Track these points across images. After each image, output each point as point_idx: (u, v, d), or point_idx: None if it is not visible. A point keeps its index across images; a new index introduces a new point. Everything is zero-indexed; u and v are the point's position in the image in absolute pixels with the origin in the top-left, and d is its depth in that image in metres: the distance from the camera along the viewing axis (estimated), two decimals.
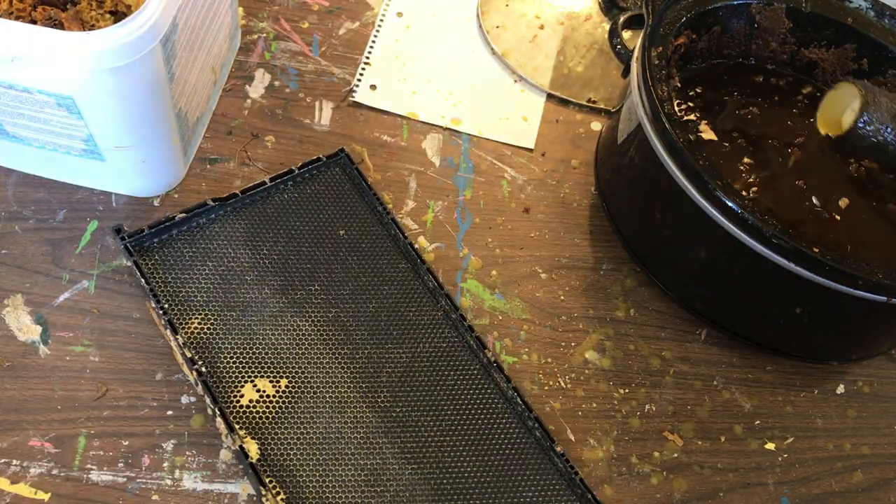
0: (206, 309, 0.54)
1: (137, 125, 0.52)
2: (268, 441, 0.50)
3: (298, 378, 0.52)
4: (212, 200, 0.57)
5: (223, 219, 0.58)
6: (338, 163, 0.62)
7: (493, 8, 0.76)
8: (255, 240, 0.58)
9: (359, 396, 0.52)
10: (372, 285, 0.57)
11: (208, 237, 0.57)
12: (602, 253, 0.63)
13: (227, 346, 0.53)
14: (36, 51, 0.44)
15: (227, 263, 0.56)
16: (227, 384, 0.51)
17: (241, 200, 0.59)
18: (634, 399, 0.57)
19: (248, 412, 0.50)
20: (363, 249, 0.58)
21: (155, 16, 0.46)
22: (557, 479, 0.51)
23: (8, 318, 0.53)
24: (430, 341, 0.55)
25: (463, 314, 0.56)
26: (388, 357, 0.54)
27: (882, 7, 0.64)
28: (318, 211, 0.60)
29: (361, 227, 0.60)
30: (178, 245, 0.56)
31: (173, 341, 0.51)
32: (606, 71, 0.73)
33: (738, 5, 0.63)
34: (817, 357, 0.60)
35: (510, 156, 0.67)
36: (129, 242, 0.55)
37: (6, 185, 0.58)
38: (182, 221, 0.56)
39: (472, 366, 0.55)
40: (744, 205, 0.49)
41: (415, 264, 0.58)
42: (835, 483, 0.56)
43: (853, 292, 0.49)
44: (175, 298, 0.54)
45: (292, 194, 0.60)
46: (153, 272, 0.55)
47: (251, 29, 0.70)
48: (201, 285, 0.55)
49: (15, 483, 0.48)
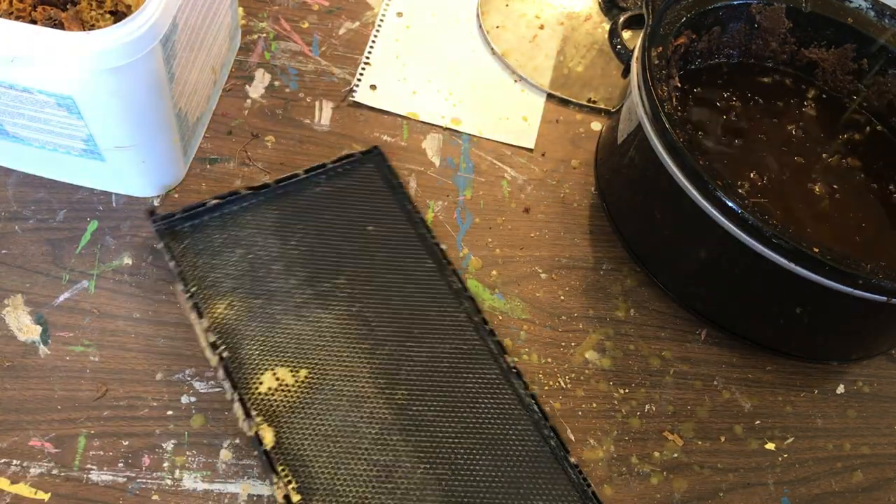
0: (232, 295, 0.55)
1: (137, 125, 0.52)
2: (283, 430, 0.50)
3: (318, 369, 0.53)
4: (245, 188, 0.58)
5: (255, 207, 0.59)
6: (372, 159, 0.63)
7: (493, 8, 0.76)
8: (285, 230, 0.58)
9: (376, 392, 0.53)
10: (397, 282, 0.57)
11: (239, 225, 0.58)
12: (602, 253, 0.63)
13: (250, 333, 0.53)
14: (36, 51, 0.44)
15: (256, 252, 0.57)
16: (248, 371, 0.52)
17: (273, 190, 0.59)
18: (634, 399, 0.57)
19: (267, 400, 0.51)
20: (391, 246, 0.59)
21: (155, 16, 0.46)
22: (570, 490, 0.51)
23: (8, 318, 0.53)
24: (450, 342, 0.55)
25: (485, 317, 0.56)
26: (407, 355, 0.54)
27: (882, 7, 0.64)
28: (349, 205, 0.60)
29: (391, 224, 0.60)
30: (208, 231, 0.57)
31: (198, 325, 0.52)
32: (606, 71, 0.73)
33: (738, 5, 0.63)
34: (817, 357, 0.60)
35: (510, 156, 0.67)
36: (160, 225, 0.56)
37: (6, 185, 0.58)
38: (214, 207, 0.57)
39: (491, 370, 0.55)
40: (744, 205, 0.49)
41: (441, 265, 0.58)
42: (835, 483, 0.56)
43: (853, 292, 0.49)
44: (202, 283, 0.55)
45: (324, 187, 0.61)
46: (183, 255, 0.55)
47: (251, 29, 0.70)
48: (229, 271, 0.56)
49: (15, 483, 0.48)
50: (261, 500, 0.49)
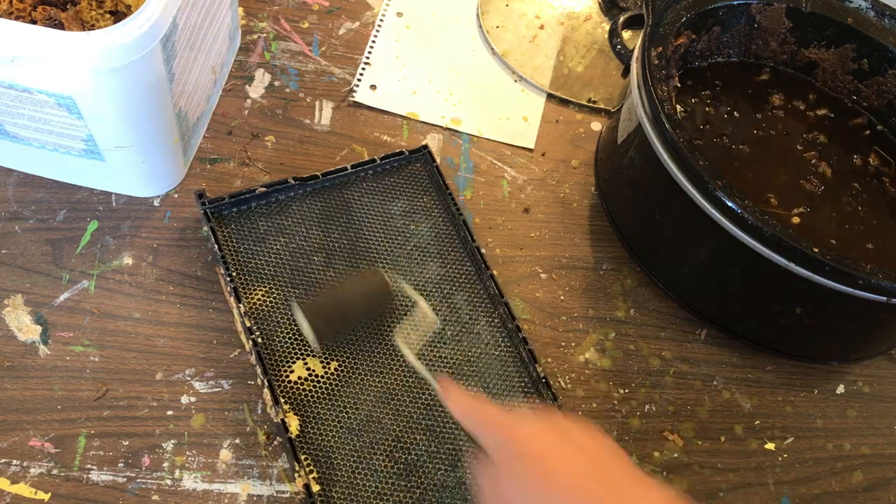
0: (271, 282, 0.55)
1: (137, 125, 0.52)
2: (309, 419, 0.51)
3: (349, 363, 0.53)
4: (293, 179, 0.58)
5: (301, 198, 0.59)
6: (419, 158, 0.63)
7: (493, 8, 0.76)
8: (329, 222, 0.59)
9: (404, 390, 0.53)
10: (434, 282, 0.58)
11: (285, 214, 0.58)
12: (602, 253, 0.63)
13: (285, 322, 0.54)
14: (36, 51, 0.44)
15: (298, 242, 0.57)
16: (280, 358, 0.52)
17: (321, 182, 0.60)
18: (634, 399, 0.57)
19: (296, 388, 0.52)
20: (431, 246, 0.59)
21: (155, 16, 0.46)
22: None
23: (8, 318, 0.53)
24: (483, 347, 0.55)
25: (518, 325, 0.56)
26: (439, 355, 0.55)
27: (882, 7, 0.64)
28: (393, 202, 0.61)
29: (433, 225, 0.60)
30: (254, 217, 0.58)
31: (235, 309, 0.53)
32: (606, 71, 0.73)
33: (738, 5, 0.63)
34: (817, 357, 0.60)
35: (510, 156, 0.67)
36: (208, 209, 0.56)
37: (6, 185, 0.58)
38: (262, 195, 0.58)
39: (521, 377, 0.55)
40: (744, 205, 0.49)
41: (479, 268, 0.58)
42: (835, 483, 0.56)
43: (853, 292, 0.49)
44: (244, 268, 0.55)
45: (371, 183, 0.61)
46: (227, 240, 0.56)
47: (251, 29, 0.70)
48: (270, 259, 0.56)
49: (15, 483, 0.48)
50: (260, 500, 0.49)
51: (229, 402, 0.52)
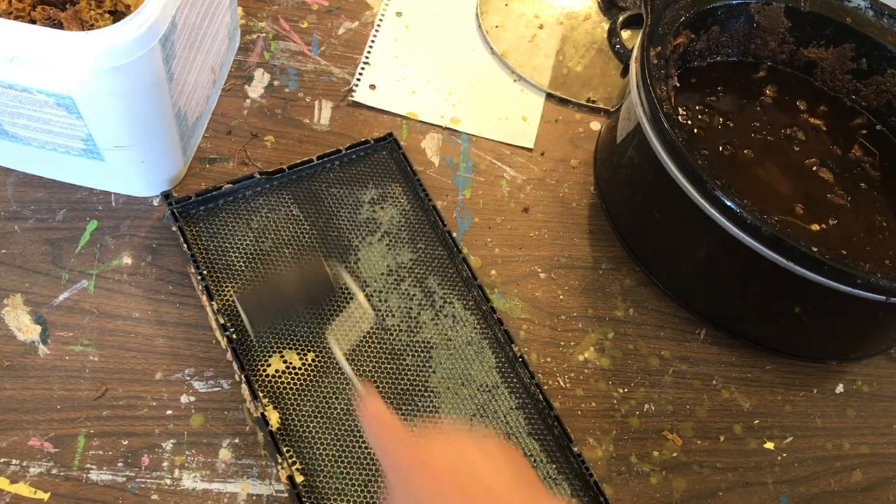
0: (243, 278, 0.55)
1: (137, 125, 0.52)
2: (289, 411, 0.51)
3: (326, 353, 0.53)
4: (259, 173, 0.58)
5: (268, 192, 0.59)
6: (385, 146, 0.63)
7: (493, 8, 0.76)
8: (298, 214, 0.59)
9: (383, 377, 0.53)
10: (407, 269, 0.58)
11: (252, 209, 0.58)
12: (601, 252, 0.63)
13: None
14: (35, 50, 0.44)
15: (268, 235, 0.58)
16: (256, 353, 0.53)
17: (287, 175, 0.60)
18: (633, 398, 0.57)
19: (274, 382, 0.52)
20: (402, 232, 0.59)
21: (154, 15, 0.46)
22: (573, 478, 0.51)
23: (7, 318, 0.53)
24: (458, 330, 0.56)
25: (493, 307, 0.56)
26: (415, 340, 0.55)
27: (881, 6, 0.64)
28: (362, 191, 0.61)
29: (402, 211, 0.60)
30: (222, 214, 0.58)
31: (209, 307, 0.53)
32: (605, 71, 0.73)
33: (736, 5, 0.63)
34: (816, 356, 0.60)
35: (509, 155, 0.67)
36: (175, 208, 0.56)
37: (6, 184, 0.58)
38: (229, 192, 0.58)
39: (498, 358, 0.55)
40: (743, 204, 0.49)
41: (451, 252, 0.59)
42: (834, 482, 0.56)
43: (852, 291, 0.49)
44: (214, 266, 0.55)
45: (338, 173, 0.61)
46: (196, 238, 0.56)
47: (250, 29, 0.70)
48: (240, 255, 0.56)
49: (14, 483, 0.48)
50: (260, 500, 0.49)
51: (229, 401, 0.52)
